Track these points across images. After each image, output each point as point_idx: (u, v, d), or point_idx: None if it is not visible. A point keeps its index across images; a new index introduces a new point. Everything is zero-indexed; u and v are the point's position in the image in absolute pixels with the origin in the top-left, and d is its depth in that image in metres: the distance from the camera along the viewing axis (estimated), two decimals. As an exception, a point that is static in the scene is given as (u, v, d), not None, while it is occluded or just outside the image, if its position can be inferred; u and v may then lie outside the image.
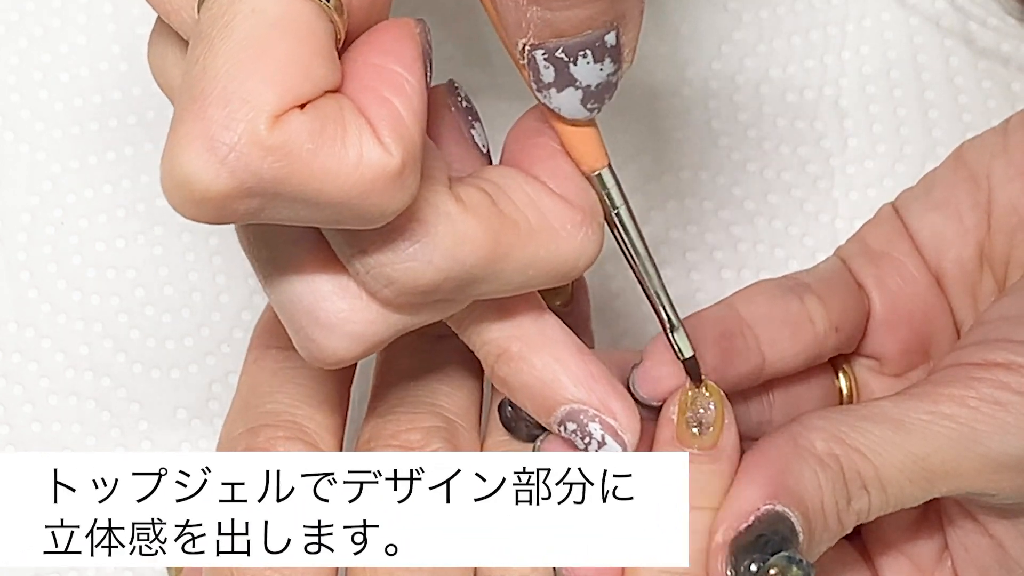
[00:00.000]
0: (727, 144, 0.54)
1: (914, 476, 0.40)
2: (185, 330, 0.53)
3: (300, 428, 0.41)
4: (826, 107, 0.55)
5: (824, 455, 0.40)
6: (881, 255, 0.46)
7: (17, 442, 0.53)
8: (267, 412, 0.41)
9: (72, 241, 0.54)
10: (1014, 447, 0.40)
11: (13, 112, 0.55)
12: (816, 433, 0.40)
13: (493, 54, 0.54)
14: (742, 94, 0.55)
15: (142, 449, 0.53)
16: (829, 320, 0.44)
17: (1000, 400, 0.40)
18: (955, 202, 0.45)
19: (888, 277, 0.45)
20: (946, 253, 0.45)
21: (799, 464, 0.40)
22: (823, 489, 0.40)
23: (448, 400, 0.42)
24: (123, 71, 0.55)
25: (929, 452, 0.40)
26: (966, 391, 0.40)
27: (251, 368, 0.43)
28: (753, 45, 0.55)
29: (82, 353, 0.53)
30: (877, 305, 0.45)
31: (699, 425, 0.40)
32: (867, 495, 0.40)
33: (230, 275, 0.54)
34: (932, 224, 0.46)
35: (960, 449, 0.40)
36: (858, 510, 0.40)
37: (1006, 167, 0.45)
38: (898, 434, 0.40)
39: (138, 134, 0.54)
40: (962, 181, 0.46)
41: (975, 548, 0.43)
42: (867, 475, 0.40)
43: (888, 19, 0.55)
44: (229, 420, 0.42)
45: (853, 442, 0.40)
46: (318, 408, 0.41)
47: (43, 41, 0.55)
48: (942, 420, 0.40)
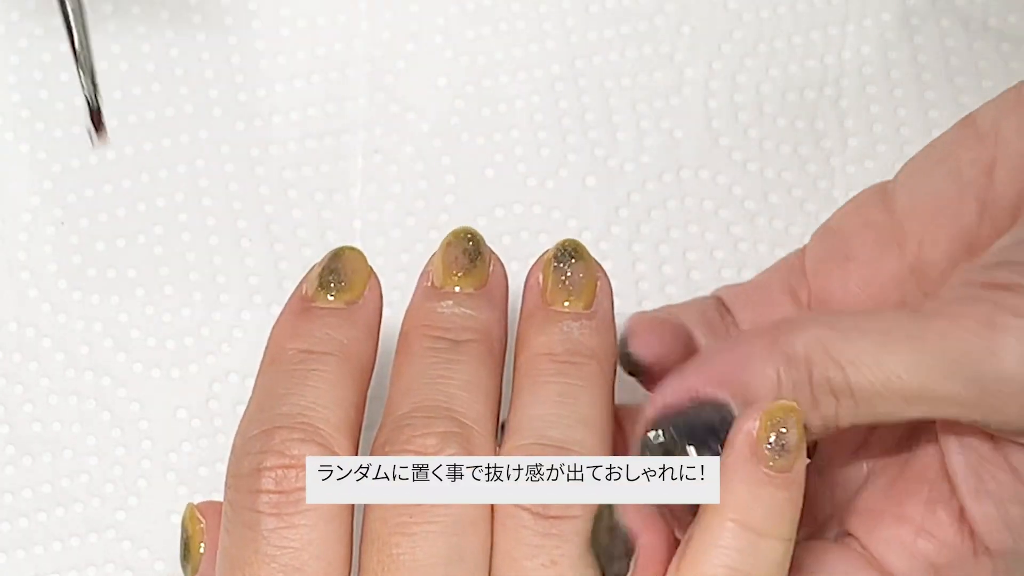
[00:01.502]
0: (727, 144, 0.54)
1: (890, 393, 0.39)
2: (185, 330, 0.53)
3: (315, 430, 0.41)
4: (826, 107, 0.55)
5: (796, 356, 0.40)
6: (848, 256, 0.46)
7: (17, 442, 0.53)
8: (282, 414, 0.41)
9: (72, 241, 0.54)
10: (1003, 371, 0.39)
11: (13, 112, 0.55)
12: (800, 335, 0.40)
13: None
14: (742, 94, 0.55)
15: (142, 449, 0.53)
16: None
17: (995, 322, 0.39)
18: (953, 159, 0.45)
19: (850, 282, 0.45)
20: (943, 212, 0.44)
21: (763, 360, 0.40)
22: (782, 387, 0.40)
23: (464, 405, 0.41)
24: (123, 71, 0.55)
25: (909, 371, 0.39)
26: (963, 310, 0.39)
27: (267, 369, 0.43)
28: (753, 45, 0.55)
29: (82, 353, 0.53)
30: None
31: (780, 446, 0.39)
32: (835, 401, 0.39)
33: (230, 275, 0.54)
34: (927, 186, 0.45)
35: (943, 371, 0.39)
36: (824, 415, 0.40)
37: (1018, 121, 0.44)
38: (881, 349, 0.39)
39: (138, 134, 0.54)
40: (966, 139, 0.45)
41: (990, 479, 0.41)
42: (837, 383, 0.39)
43: (888, 19, 0.55)
44: (245, 421, 0.42)
45: (834, 352, 0.40)
46: (333, 410, 0.41)
47: (43, 41, 0.55)
48: (931, 338, 0.39)
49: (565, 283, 0.43)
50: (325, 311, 0.43)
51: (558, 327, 0.42)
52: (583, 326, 0.42)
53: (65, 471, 0.53)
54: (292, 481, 0.40)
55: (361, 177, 0.54)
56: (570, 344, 0.42)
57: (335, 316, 0.43)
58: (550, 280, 0.43)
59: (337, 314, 0.43)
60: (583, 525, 0.40)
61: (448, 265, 0.44)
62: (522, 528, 0.40)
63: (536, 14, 0.56)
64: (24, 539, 0.52)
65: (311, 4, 0.56)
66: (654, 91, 0.55)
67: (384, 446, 0.41)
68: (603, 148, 0.55)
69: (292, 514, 0.40)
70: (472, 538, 0.40)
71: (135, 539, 0.52)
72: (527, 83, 0.55)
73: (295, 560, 0.40)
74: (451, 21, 0.56)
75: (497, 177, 0.55)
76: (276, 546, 0.40)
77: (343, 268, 0.43)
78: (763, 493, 0.39)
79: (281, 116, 0.55)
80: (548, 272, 0.43)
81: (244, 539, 0.40)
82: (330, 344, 0.42)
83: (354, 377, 0.42)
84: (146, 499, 0.53)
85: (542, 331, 0.42)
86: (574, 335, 0.42)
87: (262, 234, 0.54)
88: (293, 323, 0.43)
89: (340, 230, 0.54)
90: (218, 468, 0.53)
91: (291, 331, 0.43)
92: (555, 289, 0.43)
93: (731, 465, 0.39)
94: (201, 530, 0.43)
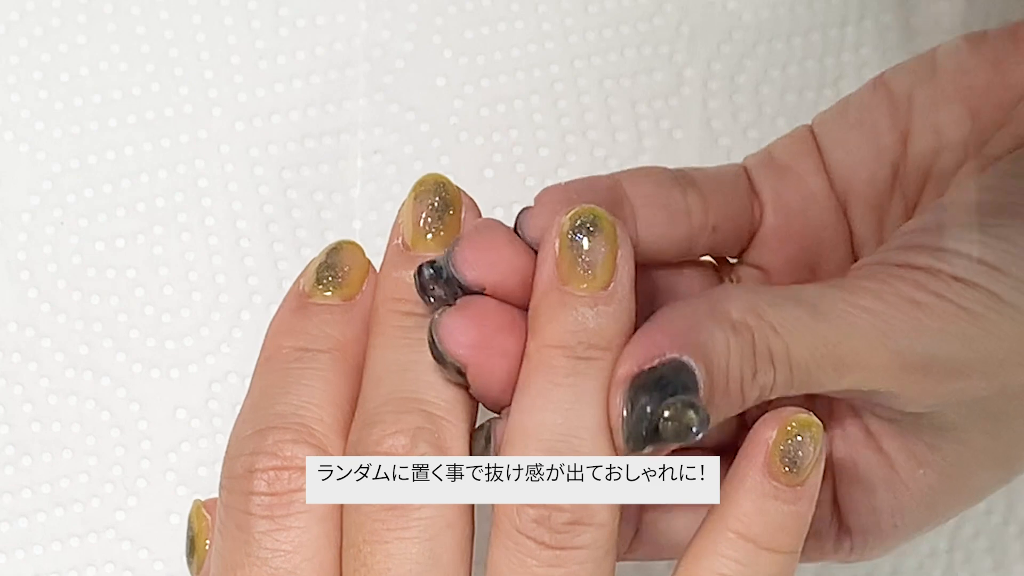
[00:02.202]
0: (727, 144, 0.55)
1: (823, 361, 0.39)
2: (185, 330, 0.53)
3: (309, 431, 0.40)
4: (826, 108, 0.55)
5: (738, 323, 0.39)
6: (784, 168, 0.45)
7: (17, 442, 0.53)
8: (276, 414, 0.41)
9: (72, 241, 0.54)
10: (925, 347, 0.39)
11: (13, 112, 0.55)
12: (734, 302, 0.39)
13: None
14: (742, 94, 0.55)
15: (141, 449, 0.53)
16: (706, 217, 0.43)
17: (917, 300, 0.40)
18: (872, 122, 0.45)
19: (786, 191, 0.45)
20: (858, 173, 0.45)
21: (712, 325, 0.39)
22: (731, 353, 0.39)
23: (434, 392, 0.40)
24: (123, 71, 0.55)
25: (841, 339, 0.39)
26: (884, 287, 0.40)
27: (262, 368, 0.42)
28: (752, 46, 0.55)
29: (82, 353, 0.53)
30: (770, 217, 0.45)
31: (792, 461, 0.39)
32: (773, 371, 0.39)
33: (230, 275, 0.54)
34: (847, 144, 0.45)
35: (871, 341, 0.39)
36: (762, 384, 0.39)
37: (931, 92, 0.44)
38: (814, 317, 0.39)
39: (138, 134, 0.54)
40: (881, 103, 0.45)
41: (863, 464, 0.42)
42: (777, 351, 0.39)
43: (888, 21, 0.55)
44: (240, 420, 0.41)
45: (768, 317, 0.39)
46: (328, 409, 0.41)
47: (43, 41, 0.55)
48: (857, 311, 0.40)
49: (581, 260, 0.39)
50: (322, 307, 0.42)
51: (572, 315, 0.39)
52: (599, 313, 0.39)
53: (64, 471, 0.53)
54: (285, 483, 0.40)
55: (361, 177, 0.54)
56: (585, 336, 0.39)
57: (332, 313, 0.42)
58: (565, 255, 0.39)
59: (334, 311, 0.42)
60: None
61: (417, 222, 0.42)
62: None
63: (535, 15, 0.56)
64: (24, 539, 0.52)
65: (310, 4, 0.56)
66: (653, 91, 0.55)
67: (356, 445, 0.40)
68: (602, 148, 0.55)
69: (284, 516, 0.40)
70: (448, 541, 0.39)
71: (135, 539, 0.52)
72: (526, 83, 0.55)
73: (287, 563, 0.39)
74: (450, 21, 0.56)
75: (496, 177, 0.55)
76: (268, 549, 0.39)
77: (340, 263, 0.43)
78: (769, 506, 0.39)
79: (281, 116, 0.55)
80: (564, 244, 0.39)
81: (236, 541, 0.40)
82: (326, 342, 0.42)
83: (350, 375, 0.42)
84: (145, 499, 0.53)
85: (554, 317, 0.39)
86: (589, 324, 0.39)
87: (262, 234, 0.54)
88: (289, 320, 0.42)
89: (340, 230, 0.54)
90: (218, 468, 0.52)
91: (287, 328, 0.42)
92: (570, 268, 0.39)
93: (740, 474, 0.39)
94: (207, 527, 0.43)
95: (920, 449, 0.42)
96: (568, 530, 0.38)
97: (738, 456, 0.39)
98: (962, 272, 0.40)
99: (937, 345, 0.40)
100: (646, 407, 0.38)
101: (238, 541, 0.40)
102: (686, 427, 0.37)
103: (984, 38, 0.45)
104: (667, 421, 0.37)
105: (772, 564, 0.39)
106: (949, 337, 0.40)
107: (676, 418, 0.37)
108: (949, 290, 0.40)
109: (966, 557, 0.54)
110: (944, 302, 0.40)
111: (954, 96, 0.44)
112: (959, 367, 0.40)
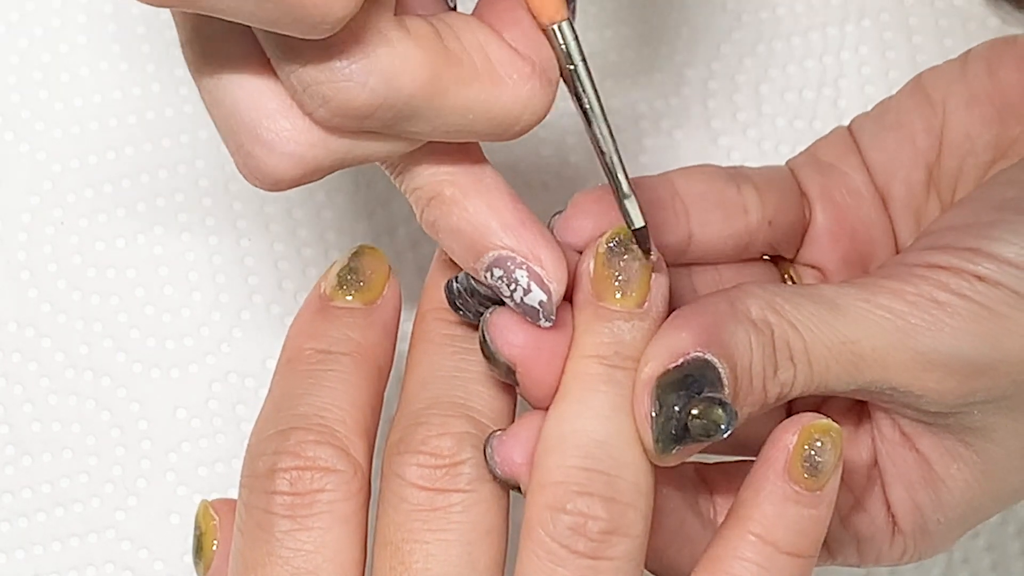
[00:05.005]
0: (727, 144, 0.55)
1: (842, 358, 0.40)
2: (185, 330, 0.53)
3: (331, 432, 0.40)
4: (825, 107, 0.55)
5: (758, 320, 0.39)
6: (829, 167, 0.46)
7: (17, 442, 0.53)
8: (298, 415, 0.41)
9: (72, 241, 0.54)
10: (946, 347, 0.40)
11: (13, 112, 0.55)
12: (753, 300, 0.40)
13: None
14: (742, 94, 0.55)
15: (141, 449, 0.53)
16: (763, 212, 0.44)
17: (939, 299, 0.40)
18: (909, 125, 0.45)
19: (834, 188, 0.45)
20: (895, 174, 0.45)
21: (733, 323, 0.39)
22: (753, 351, 0.39)
23: (482, 402, 0.41)
24: (123, 71, 0.55)
25: (860, 337, 0.40)
26: (905, 286, 0.40)
27: (283, 369, 0.42)
28: (752, 45, 0.55)
29: (82, 353, 0.53)
30: (819, 215, 0.45)
31: (813, 465, 0.39)
32: (793, 368, 0.39)
33: (230, 275, 0.54)
34: (884, 145, 0.45)
35: (891, 339, 0.40)
36: (782, 382, 0.39)
37: (963, 94, 0.45)
38: (832, 314, 0.40)
39: (138, 134, 0.54)
40: (917, 106, 0.46)
41: (902, 463, 0.42)
42: (796, 348, 0.39)
43: (887, 20, 0.55)
44: (261, 420, 0.41)
45: (787, 315, 0.40)
46: (349, 411, 0.41)
47: (43, 41, 0.55)
48: (878, 309, 0.40)
49: (616, 276, 0.40)
50: (343, 311, 0.43)
51: (607, 327, 0.40)
52: (634, 327, 0.40)
53: (65, 471, 0.53)
54: (307, 483, 0.40)
55: (361, 177, 0.54)
56: (620, 347, 0.39)
57: (353, 316, 0.42)
58: (601, 273, 0.40)
59: (355, 314, 0.43)
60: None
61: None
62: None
63: (535, 14, 0.56)
64: (24, 539, 0.52)
65: (310, 4, 0.56)
66: (654, 91, 0.55)
67: (399, 444, 0.40)
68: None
69: (306, 516, 0.40)
70: (486, 547, 0.39)
71: (135, 539, 0.52)
72: (526, 83, 0.55)
73: (308, 563, 0.39)
74: (450, 21, 0.56)
75: (496, 177, 0.55)
76: (290, 548, 0.39)
77: (362, 268, 0.43)
78: (789, 510, 0.39)
79: (281, 116, 0.55)
80: (600, 263, 0.40)
81: (257, 540, 0.40)
82: (347, 345, 0.42)
83: (371, 378, 0.42)
84: (145, 499, 0.53)
85: (589, 329, 0.40)
86: (625, 337, 0.39)
87: (262, 234, 0.54)
88: (311, 322, 0.43)
89: (340, 230, 0.54)
90: (217, 468, 0.53)
91: (309, 331, 0.42)
92: (605, 283, 0.40)
93: (761, 478, 0.39)
94: (215, 527, 0.43)
95: (952, 445, 0.42)
96: (604, 539, 0.38)
97: (758, 460, 0.39)
98: (985, 271, 0.40)
99: (959, 344, 0.40)
100: (674, 406, 0.38)
101: (259, 540, 0.40)
102: (715, 424, 0.37)
103: (1014, 41, 0.46)
104: (696, 419, 0.38)
105: (791, 568, 0.39)
106: (972, 336, 0.40)
107: (705, 416, 0.38)
108: (972, 290, 0.40)
109: (965, 556, 0.54)
110: (967, 301, 0.40)
111: (984, 98, 0.45)
112: (982, 366, 0.40)
